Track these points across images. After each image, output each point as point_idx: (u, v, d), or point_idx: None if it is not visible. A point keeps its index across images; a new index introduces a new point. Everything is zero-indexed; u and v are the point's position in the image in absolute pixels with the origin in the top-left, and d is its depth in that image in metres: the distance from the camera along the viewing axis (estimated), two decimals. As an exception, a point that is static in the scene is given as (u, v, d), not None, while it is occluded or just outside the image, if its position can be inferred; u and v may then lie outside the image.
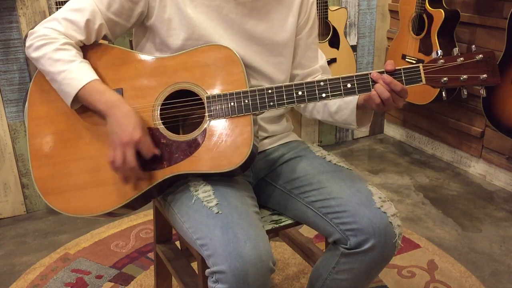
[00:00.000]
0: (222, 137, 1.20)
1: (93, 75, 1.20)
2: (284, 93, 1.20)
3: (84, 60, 1.23)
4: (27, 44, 1.23)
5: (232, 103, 1.20)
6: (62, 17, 1.24)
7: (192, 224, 1.18)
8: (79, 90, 1.18)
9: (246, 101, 1.20)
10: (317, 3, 1.28)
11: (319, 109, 1.39)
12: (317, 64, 1.44)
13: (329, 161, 1.37)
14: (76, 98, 1.19)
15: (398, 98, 1.18)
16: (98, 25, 1.24)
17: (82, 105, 1.23)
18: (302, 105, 1.44)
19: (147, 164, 1.21)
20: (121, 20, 1.27)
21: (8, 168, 2.41)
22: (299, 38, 1.40)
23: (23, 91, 2.34)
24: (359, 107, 1.27)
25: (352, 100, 1.28)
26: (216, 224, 1.12)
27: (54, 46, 1.20)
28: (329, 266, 1.27)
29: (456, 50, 1.18)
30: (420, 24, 2.65)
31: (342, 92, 1.20)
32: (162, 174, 1.21)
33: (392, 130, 3.36)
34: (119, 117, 1.17)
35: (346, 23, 2.91)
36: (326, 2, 2.66)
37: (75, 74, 1.19)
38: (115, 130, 1.16)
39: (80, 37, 1.23)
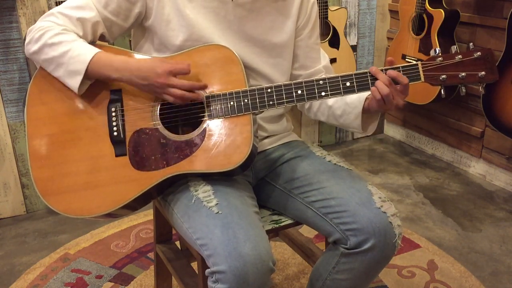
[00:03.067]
0: (222, 137, 1.19)
1: (97, 49, 1.21)
2: (283, 92, 1.20)
3: (84, 40, 1.23)
4: (26, 41, 1.23)
5: (231, 103, 1.20)
6: (58, 11, 1.24)
7: (192, 224, 1.18)
8: (89, 64, 1.18)
9: (246, 100, 1.20)
10: (317, 3, 1.28)
11: (323, 111, 1.39)
12: (320, 65, 1.43)
13: (329, 161, 1.37)
14: (86, 75, 1.19)
15: (398, 94, 1.18)
16: (94, 22, 1.24)
17: (81, 105, 1.23)
18: (306, 106, 1.44)
19: (147, 163, 1.21)
20: (118, 20, 1.27)
21: (8, 168, 2.41)
22: (300, 39, 1.40)
23: (23, 91, 2.34)
24: (364, 111, 1.27)
25: (358, 105, 1.27)
26: (216, 224, 1.12)
27: (53, 32, 1.20)
28: (329, 266, 1.27)
29: (454, 48, 1.18)
30: (420, 24, 2.64)
31: (341, 90, 1.20)
32: (162, 174, 1.21)
33: (392, 130, 3.35)
34: (137, 76, 1.18)
35: (346, 23, 2.91)
36: (326, 2, 2.66)
37: (80, 50, 1.19)
38: (150, 87, 1.18)
39: (77, 30, 1.23)
